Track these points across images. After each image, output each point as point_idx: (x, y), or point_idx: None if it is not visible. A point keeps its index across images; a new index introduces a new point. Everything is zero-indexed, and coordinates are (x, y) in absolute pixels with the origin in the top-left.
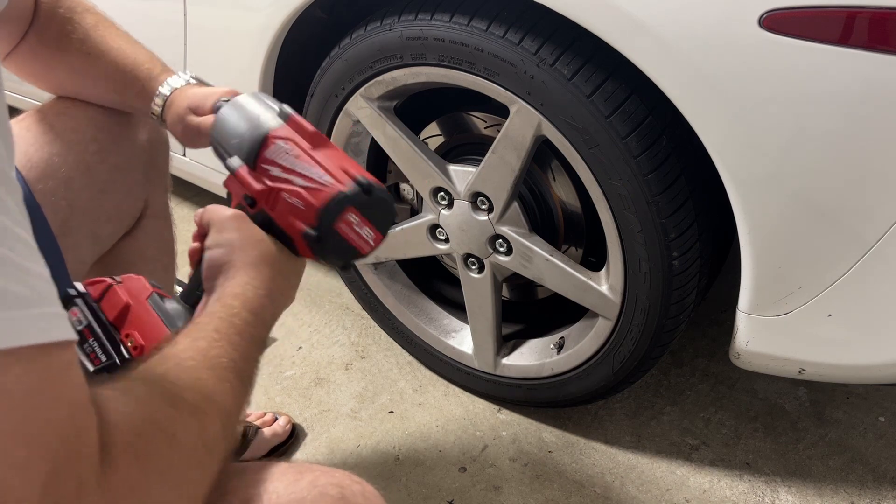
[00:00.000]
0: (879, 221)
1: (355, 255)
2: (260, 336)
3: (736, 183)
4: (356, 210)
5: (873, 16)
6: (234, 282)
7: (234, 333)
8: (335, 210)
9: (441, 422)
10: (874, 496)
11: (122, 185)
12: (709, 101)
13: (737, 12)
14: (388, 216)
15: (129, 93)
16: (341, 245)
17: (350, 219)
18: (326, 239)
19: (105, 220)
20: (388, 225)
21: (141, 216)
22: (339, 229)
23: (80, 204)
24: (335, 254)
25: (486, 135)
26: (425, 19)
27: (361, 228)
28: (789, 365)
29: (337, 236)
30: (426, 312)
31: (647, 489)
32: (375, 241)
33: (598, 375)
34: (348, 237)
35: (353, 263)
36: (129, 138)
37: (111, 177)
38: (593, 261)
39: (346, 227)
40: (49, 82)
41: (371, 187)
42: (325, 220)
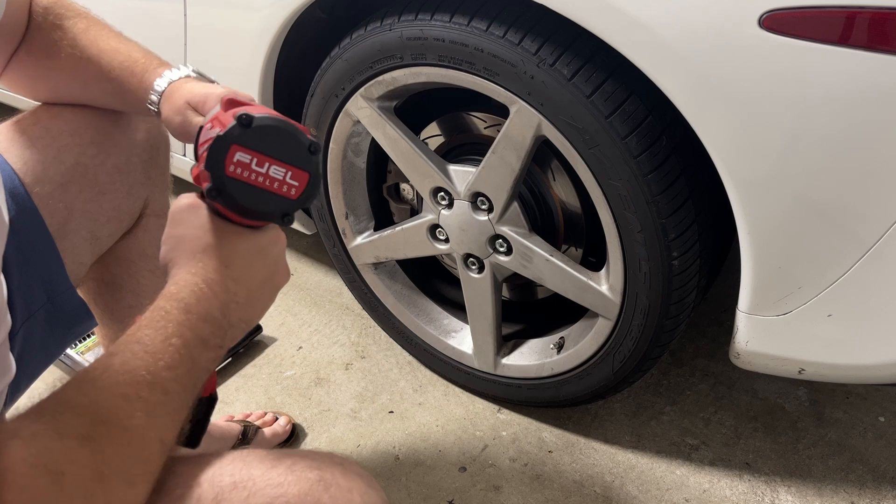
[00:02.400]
0: (879, 221)
1: (283, 201)
2: (201, 334)
3: (736, 183)
4: (241, 147)
5: (873, 16)
6: (173, 280)
7: (161, 340)
8: (217, 154)
9: (441, 422)
10: (874, 496)
11: (122, 185)
12: (709, 101)
13: (737, 12)
14: (295, 145)
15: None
16: (251, 192)
17: (240, 159)
18: (227, 189)
19: (104, 220)
20: (302, 156)
21: (141, 215)
22: (233, 174)
23: (78, 206)
24: (253, 203)
25: (486, 135)
26: (425, 19)
27: (264, 167)
28: (789, 365)
29: (236, 182)
30: (426, 312)
31: (647, 489)
32: (297, 177)
33: (597, 375)
34: (251, 181)
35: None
36: (128, 138)
37: (111, 178)
38: (593, 261)
39: (242, 170)
40: (42, 92)
41: (250, 118)
42: (213, 169)
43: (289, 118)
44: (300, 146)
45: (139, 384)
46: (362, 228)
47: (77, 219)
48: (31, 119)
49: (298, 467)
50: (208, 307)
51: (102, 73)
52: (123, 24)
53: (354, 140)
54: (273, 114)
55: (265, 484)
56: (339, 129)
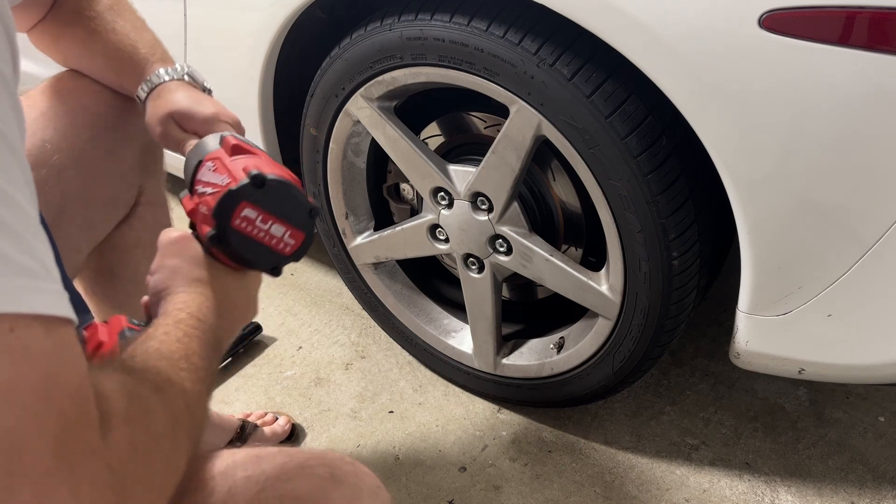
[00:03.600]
0: (879, 221)
1: (277, 256)
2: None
3: (736, 183)
4: (250, 204)
5: (873, 16)
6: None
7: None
8: (226, 206)
9: (441, 422)
10: (874, 496)
11: (116, 171)
12: (708, 101)
13: (737, 12)
14: (298, 208)
15: (123, 75)
16: (250, 245)
17: (247, 214)
18: (228, 239)
19: (99, 206)
20: (302, 218)
21: (136, 203)
22: (238, 227)
23: (72, 191)
24: (250, 255)
25: (486, 135)
26: (425, 19)
27: (266, 224)
28: (789, 365)
29: (239, 235)
30: (426, 312)
31: (646, 489)
32: (294, 236)
33: (597, 375)
34: (253, 235)
35: (280, 267)
36: (123, 124)
37: (104, 163)
38: (593, 261)
39: (246, 224)
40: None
41: (263, 179)
42: (219, 219)
43: (291, 173)
44: (302, 209)
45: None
46: (362, 228)
47: (72, 205)
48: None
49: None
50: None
51: (109, 51)
52: None
53: (354, 140)
54: (280, 172)
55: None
56: (339, 129)
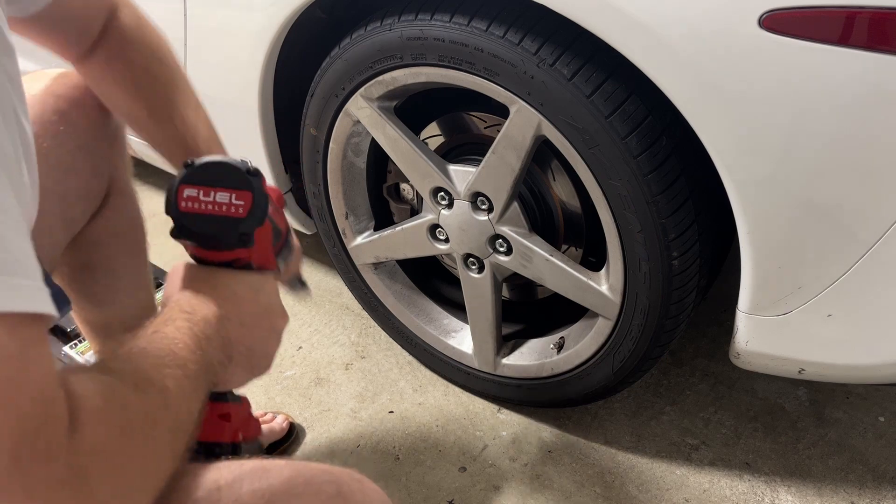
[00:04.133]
0: (879, 221)
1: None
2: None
3: (736, 183)
4: (187, 184)
5: (873, 16)
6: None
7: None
8: (171, 198)
9: (441, 422)
10: (874, 496)
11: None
12: (708, 101)
13: (737, 12)
14: (233, 172)
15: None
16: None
17: (189, 194)
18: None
19: (74, 199)
20: (242, 179)
21: (107, 194)
22: (186, 209)
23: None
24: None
25: (486, 135)
26: (425, 19)
27: (210, 196)
28: (789, 365)
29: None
30: (426, 312)
31: (646, 489)
32: (241, 197)
33: (597, 375)
34: (201, 210)
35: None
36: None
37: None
38: (593, 261)
39: (192, 202)
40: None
41: (192, 160)
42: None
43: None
44: (238, 171)
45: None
46: (362, 228)
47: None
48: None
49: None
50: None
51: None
52: None
53: (354, 140)
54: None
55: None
56: (339, 129)
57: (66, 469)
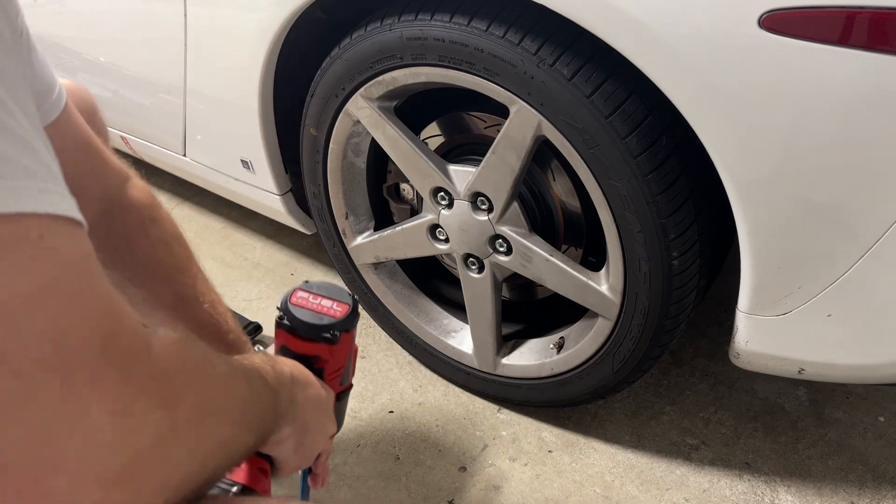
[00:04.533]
0: (879, 221)
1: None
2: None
3: (736, 183)
4: (302, 289)
5: (873, 16)
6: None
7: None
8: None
9: (441, 422)
10: (874, 496)
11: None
12: (708, 101)
13: (736, 12)
14: (339, 292)
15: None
16: (306, 312)
17: (300, 295)
18: (290, 311)
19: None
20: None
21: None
22: (295, 303)
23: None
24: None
25: (486, 135)
26: (425, 19)
27: (317, 300)
28: (789, 365)
29: (297, 308)
30: (426, 312)
31: (646, 489)
32: (340, 306)
33: (597, 375)
34: (307, 306)
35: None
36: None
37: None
38: (593, 261)
39: (302, 300)
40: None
41: (308, 281)
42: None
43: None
44: (343, 291)
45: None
46: (362, 228)
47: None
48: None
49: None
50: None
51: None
52: (123, 25)
53: (354, 140)
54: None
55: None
56: (339, 129)
57: (150, 368)
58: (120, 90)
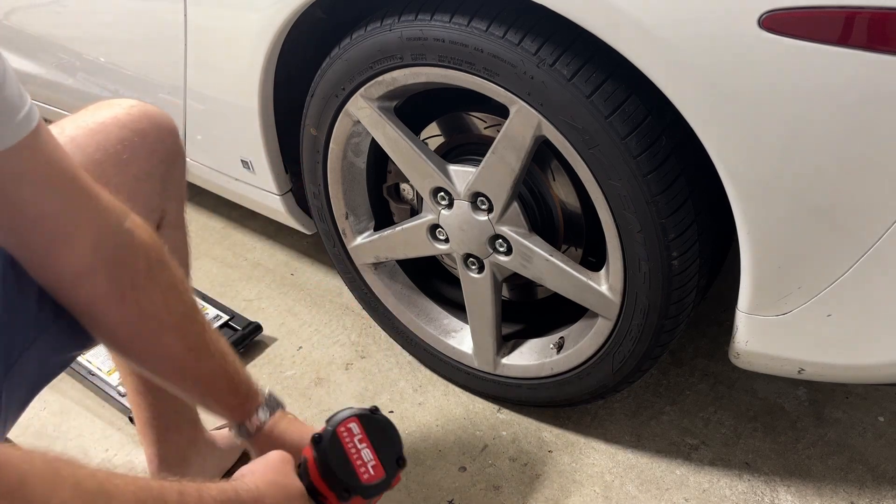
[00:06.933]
0: (879, 221)
1: (354, 477)
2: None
3: (736, 183)
4: (359, 421)
5: (873, 16)
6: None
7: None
8: (340, 415)
9: (441, 422)
10: (874, 496)
11: (140, 195)
12: (708, 101)
13: (736, 12)
14: (392, 448)
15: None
16: (341, 454)
17: (352, 427)
18: (327, 441)
19: None
20: (390, 458)
21: (158, 227)
22: (339, 434)
23: None
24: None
25: (486, 135)
26: (425, 20)
27: (361, 445)
28: (789, 365)
29: (337, 441)
30: (426, 312)
31: (646, 489)
32: (376, 469)
33: (597, 375)
34: (346, 446)
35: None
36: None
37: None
38: (593, 261)
39: (347, 435)
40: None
41: (377, 410)
42: (330, 421)
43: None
44: (394, 452)
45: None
46: (362, 228)
47: None
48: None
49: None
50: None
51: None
52: (124, 25)
53: (354, 140)
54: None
55: None
56: (339, 129)
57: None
58: (120, 90)
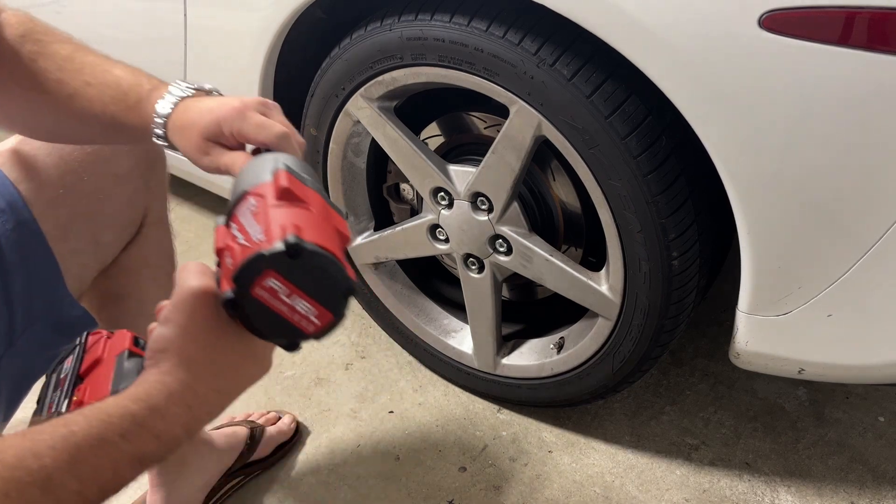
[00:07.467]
0: (879, 221)
1: (296, 333)
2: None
3: (736, 183)
4: (278, 275)
5: (873, 16)
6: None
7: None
8: (249, 272)
9: (441, 422)
10: (874, 496)
11: (123, 192)
12: (708, 101)
13: (737, 12)
14: (332, 287)
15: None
16: (269, 317)
17: (271, 285)
18: (245, 307)
19: (106, 226)
20: (334, 298)
21: (142, 224)
22: (258, 297)
23: (80, 210)
24: (265, 328)
25: (486, 135)
26: (425, 20)
27: (293, 299)
28: (789, 365)
29: (258, 305)
30: (426, 312)
31: (646, 489)
32: (321, 317)
33: (597, 375)
34: (275, 308)
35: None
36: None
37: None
38: (593, 261)
39: (269, 295)
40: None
41: (300, 248)
42: (239, 283)
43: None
44: (336, 289)
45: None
46: (362, 228)
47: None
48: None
49: None
50: (171, 424)
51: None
52: (124, 25)
53: (354, 140)
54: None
55: None
56: (339, 129)
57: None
58: None
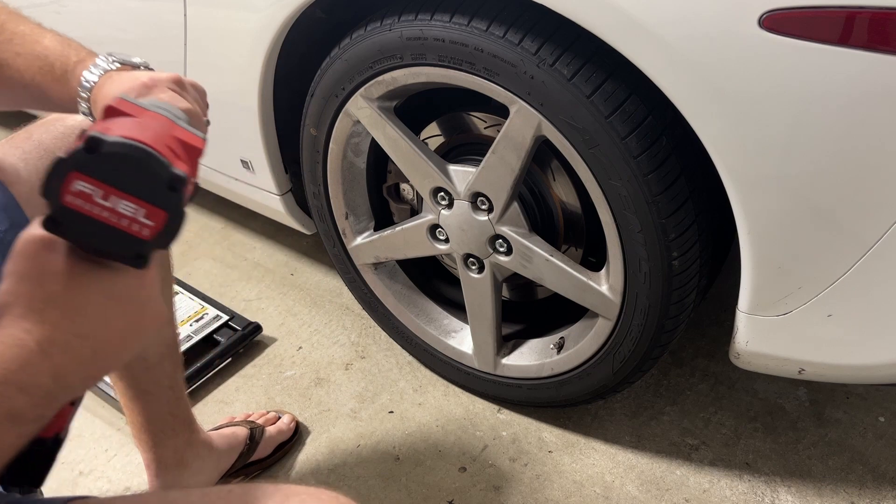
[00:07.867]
0: (879, 221)
1: (133, 241)
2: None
3: (736, 183)
4: (81, 174)
5: (873, 16)
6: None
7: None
8: (53, 179)
9: (441, 422)
10: (874, 496)
11: None
12: (709, 101)
13: (737, 12)
14: (153, 179)
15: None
16: (92, 227)
17: (80, 188)
18: (64, 222)
19: None
20: (161, 192)
21: None
22: (72, 205)
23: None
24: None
25: (486, 135)
26: (425, 19)
27: (111, 201)
28: (789, 365)
29: (77, 216)
30: (426, 312)
31: (647, 489)
32: (153, 216)
33: (597, 375)
34: (94, 214)
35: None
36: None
37: None
38: (593, 261)
39: (82, 201)
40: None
41: (97, 140)
42: (48, 195)
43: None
44: (157, 180)
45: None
46: (362, 228)
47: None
48: (23, 135)
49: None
50: (34, 375)
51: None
52: (123, 25)
53: (354, 140)
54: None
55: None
56: (339, 129)
57: None
58: None
